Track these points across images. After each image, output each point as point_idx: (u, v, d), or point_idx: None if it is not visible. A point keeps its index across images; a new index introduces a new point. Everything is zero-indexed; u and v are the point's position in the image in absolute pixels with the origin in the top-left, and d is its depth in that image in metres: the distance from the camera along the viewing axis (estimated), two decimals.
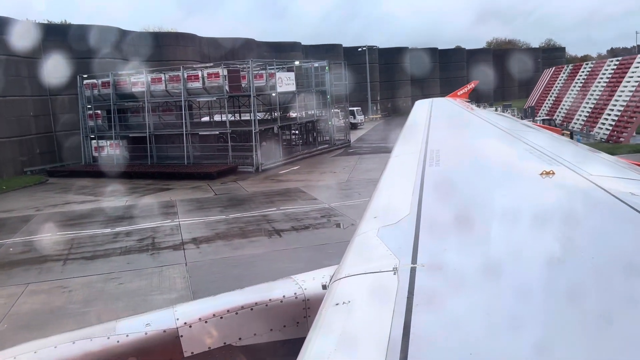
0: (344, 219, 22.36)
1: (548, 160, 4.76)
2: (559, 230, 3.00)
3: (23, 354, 3.49)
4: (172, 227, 22.65)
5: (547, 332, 1.96)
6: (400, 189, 4.52)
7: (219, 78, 37.71)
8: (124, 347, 3.56)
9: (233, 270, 16.75)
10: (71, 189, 35.23)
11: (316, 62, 46.60)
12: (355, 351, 2.03)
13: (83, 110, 43.56)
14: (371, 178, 31.71)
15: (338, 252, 12.69)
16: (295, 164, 39.79)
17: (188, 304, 3.98)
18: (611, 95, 43.78)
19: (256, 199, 28.22)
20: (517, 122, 11.08)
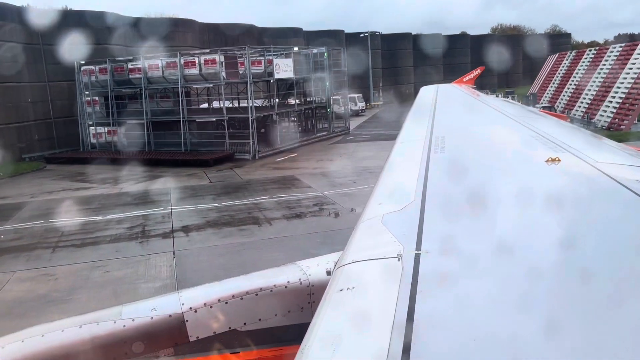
0: (336, 207, 22.25)
1: (554, 147, 4.74)
2: (564, 218, 2.99)
3: (30, 337, 3.55)
4: (164, 215, 22.61)
5: (552, 318, 1.96)
6: (405, 175, 4.51)
7: (216, 64, 37.50)
8: (130, 332, 3.60)
9: (219, 259, 16.70)
10: (68, 176, 35.22)
11: (315, 49, 46.13)
12: (359, 336, 2.04)
13: (81, 96, 43.38)
14: (367, 166, 31.65)
15: (326, 241, 12.78)
16: (293, 151, 39.61)
17: (193, 289, 4.00)
18: (613, 82, 43.27)
19: (250, 186, 28.14)
20: (524, 109, 10.98)
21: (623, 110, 39.91)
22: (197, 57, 38.31)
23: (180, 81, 38.38)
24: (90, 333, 3.58)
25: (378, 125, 55.26)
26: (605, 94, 43.69)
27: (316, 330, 2.12)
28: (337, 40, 78.81)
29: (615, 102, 41.24)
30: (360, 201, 23.48)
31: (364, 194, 24.26)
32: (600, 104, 43.84)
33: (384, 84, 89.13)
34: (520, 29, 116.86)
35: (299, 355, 2.00)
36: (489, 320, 2.03)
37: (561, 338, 1.85)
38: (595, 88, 46.02)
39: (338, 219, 20.53)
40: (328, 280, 2.91)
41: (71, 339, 3.55)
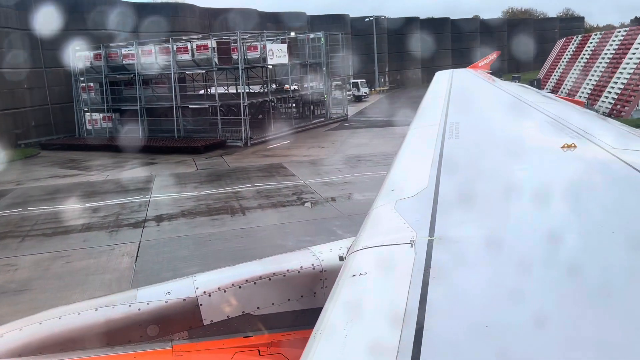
0: (313, 196, 21.90)
1: (570, 132, 4.69)
2: (579, 204, 2.96)
3: (47, 320, 3.62)
4: (142, 204, 22.44)
5: (564, 305, 1.95)
6: (418, 161, 4.48)
7: (208, 50, 37.12)
8: (145, 315, 3.65)
9: (183, 250, 16.48)
10: (59, 162, 35.22)
11: (312, 34, 45.49)
12: (371, 321, 2.04)
13: (76, 83, 43.28)
14: (356, 154, 31.25)
15: (294, 231, 12.46)
16: (287, 138, 39.20)
17: (207, 274, 4.03)
18: (616, 68, 42.21)
19: (235, 174, 27.85)
20: (540, 94, 10.90)
21: (624, 97, 38.93)
22: (190, 43, 37.91)
23: (172, 67, 38.08)
24: (105, 316, 3.63)
25: (378, 111, 54.62)
26: (608, 80, 42.65)
27: (329, 315, 2.13)
28: (341, 25, 77.99)
29: (617, 89, 40.24)
30: (339, 190, 23.31)
31: (345, 182, 24.00)
32: (602, 90, 42.82)
33: (391, 69, 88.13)
34: (532, 12, 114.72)
35: (311, 339, 2.01)
36: (502, 307, 2.01)
37: (574, 325, 1.84)
38: (599, 74, 44.94)
39: (312, 209, 20.20)
40: (340, 265, 2.88)
41: (87, 321, 3.61)
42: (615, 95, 40.19)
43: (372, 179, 24.36)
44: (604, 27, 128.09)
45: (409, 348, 1.78)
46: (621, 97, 39.27)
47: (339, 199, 21.33)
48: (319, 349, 1.94)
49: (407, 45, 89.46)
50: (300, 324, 3.67)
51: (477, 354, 1.79)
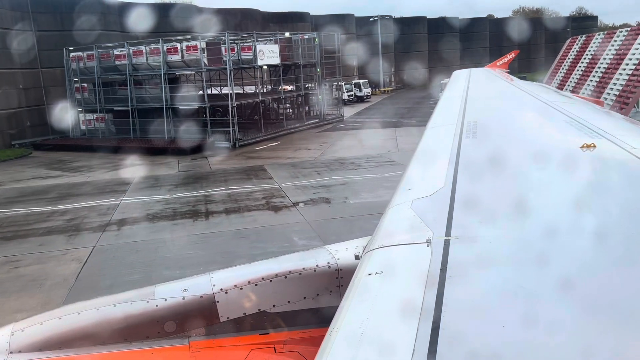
0: (282, 201, 21.49)
1: (589, 132, 4.65)
2: (598, 205, 2.93)
3: (67, 315, 3.67)
4: (110, 207, 22.21)
5: (583, 307, 1.92)
6: (435, 161, 4.48)
7: (197, 51, 36.90)
8: (162, 311, 3.67)
9: (132, 256, 16.18)
10: (47, 163, 35.28)
11: (306, 34, 45.06)
12: (387, 320, 2.04)
13: (70, 83, 43.38)
14: (341, 156, 30.84)
15: (250, 238, 12.09)
16: (277, 139, 38.89)
17: (224, 271, 4.05)
18: (615, 69, 41.18)
19: (213, 177, 27.58)
20: (559, 94, 10.74)
21: (623, 97, 37.94)
22: (179, 44, 37.71)
23: (163, 67, 37.94)
24: (124, 312, 3.66)
25: (378, 112, 54.07)
26: (607, 80, 41.66)
27: (344, 314, 2.14)
28: (346, 25, 77.52)
29: (616, 90, 39.22)
30: (310, 194, 22.90)
31: (320, 186, 23.57)
32: (603, 90, 41.81)
33: (397, 69, 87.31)
34: (543, 11, 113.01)
35: (327, 337, 2.01)
36: (519, 307, 1.99)
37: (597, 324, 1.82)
38: (600, 74, 43.91)
39: (275, 214, 19.80)
40: (356, 264, 2.88)
41: (106, 317, 3.64)
42: (614, 97, 39.18)
43: (348, 182, 23.99)
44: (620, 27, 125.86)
45: (425, 347, 1.77)
46: (619, 99, 38.28)
47: (307, 204, 20.89)
48: (335, 347, 1.94)
49: (414, 46, 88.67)
50: (316, 322, 3.66)
51: (493, 353, 1.77)
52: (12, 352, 3.55)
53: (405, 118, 46.63)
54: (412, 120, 45.28)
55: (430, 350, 1.76)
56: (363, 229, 17.79)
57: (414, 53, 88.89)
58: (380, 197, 21.37)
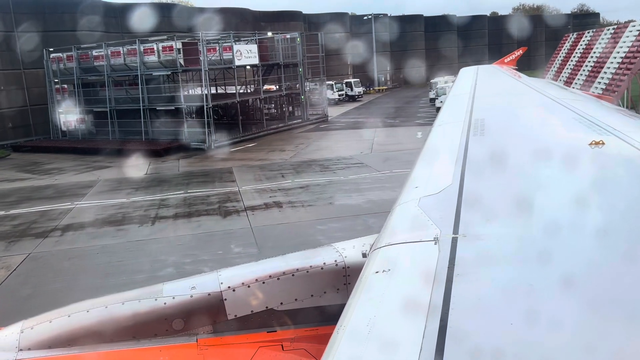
0: (235, 205, 21.05)
1: (598, 130, 4.60)
2: (607, 202, 2.91)
3: (76, 312, 3.69)
4: (63, 211, 21.89)
5: (590, 305, 1.92)
6: (442, 158, 4.47)
7: (173, 51, 36.56)
8: (170, 309, 3.69)
9: (63, 263, 15.86)
10: (20, 165, 35.12)
11: (288, 34, 44.56)
12: (394, 318, 2.03)
13: (50, 84, 43.21)
14: (313, 158, 30.39)
15: (186, 246, 11.69)
16: (255, 140, 38.48)
17: (232, 269, 4.06)
18: (601, 67, 40.52)
19: (177, 180, 27.22)
20: (567, 91, 10.66)
21: (607, 93, 37.30)
22: (155, 44, 37.38)
23: (140, 68, 37.64)
24: (132, 309, 3.68)
25: (366, 112, 53.48)
26: (595, 75, 41.07)
27: (352, 311, 2.13)
28: (340, 23, 76.99)
29: (600, 88, 38.54)
30: (266, 198, 22.46)
31: (280, 189, 23.14)
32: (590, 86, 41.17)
33: (394, 67, 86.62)
34: (544, 8, 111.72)
35: (334, 335, 2.01)
36: (527, 305, 1.98)
37: (604, 322, 1.81)
38: (587, 72, 43.25)
39: (224, 219, 19.37)
40: (364, 262, 2.87)
41: (114, 314, 3.65)
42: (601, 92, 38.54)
43: (309, 185, 23.53)
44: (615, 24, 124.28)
45: (433, 345, 1.76)
46: (604, 94, 37.60)
47: (258, 208, 20.44)
48: (342, 345, 1.93)
49: (411, 44, 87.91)
50: (324, 319, 3.65)
51: (501, 351, 1.75)
52: (21, 349, 3.58)
53: (390, 118, 46.04)
54: (395, 120, 44.75)
55: (438, 348, 1.75)
56: (302, 236, 17.51)
57: (411, 51, 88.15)
58: (334, 201, 20.94)
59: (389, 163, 27.37)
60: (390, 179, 23.65)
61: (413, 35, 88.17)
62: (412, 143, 33.01)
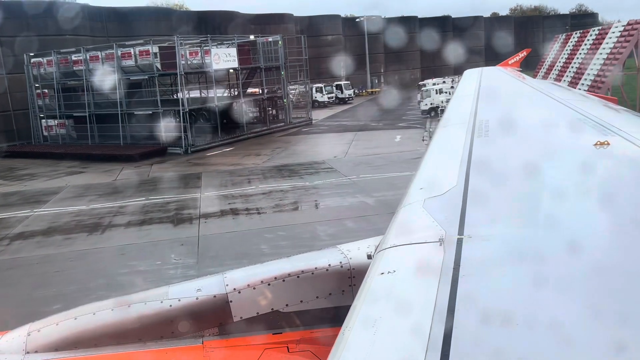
0: (191, 213, 20.70)
1: (603, 130, 4.60)
2: (612, 203, 2.88)
3: (83, 315, 3.69)
4: (20, 219, 21.63)
5: (597, 307, 1.92)
6: (447, 160, 4.46)
7: (150, 56, 36.32)
8: (176, 311, 3.68)
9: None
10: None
11: (271, 37, 44.23)
12: (400, 319, 2.03)
13: (31, 89, 43.04)
14: (286, 162, 30.09)
15: (129, 255, 11.32)
16: (234, 144, 38.14)
17: (237, 271, 4.03)
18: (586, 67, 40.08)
19: (144, 186, 26.90)
20: (571, 92, 10.67)
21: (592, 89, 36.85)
22: (132, 49, 37.14)
23: (117, 72, 37.38)
24: (138, 312, 3.68)
25: (352, 115, 53.04)
26: (580, 77, 40.64)
27: (357, 313, 2.13)
28: (332, 26, 76.67)
29: (586, 86, 38.14)
30: (225, 205, 22.11)
31: (242, 195, 22.79)
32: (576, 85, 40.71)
33: (387, 70, 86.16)
34: (542, 9, 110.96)
35: (340, 336, 2.01)
36: (532, 306, 1.99)
37: (604, 325, 1.81)
38: (572, 72, 42.86)
39: (174, 228, 19.02)
40: (369, 263, 2.89)
41: (120, 317, 3.66)
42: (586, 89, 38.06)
43: (272, 191, 23.18)
44: None
45: (439, 346, 1.76)
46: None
47: (213, 216, 20.10)
48: (347, 346, 1.93)
49: (404, 46, 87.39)
50: (329, 321, 3.63)
51: (507, 353, 1.75)
52: (28, 352, 3.59)
53: (374, 121, 45.60)
54: (379, 124, 44.31)
55: (444, 349, 1.74)
56: (245, 246, 17.14)
57: (405, 53, 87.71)
58: (290, 208, 20.56)
59: (359, 168, 27.01)
60: (354, 185, 23.29)
61: (408, 36, 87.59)
62: (388, 147, 32.71)
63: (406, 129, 40.75)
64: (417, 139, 34.85)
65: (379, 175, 25.11)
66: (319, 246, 16.33)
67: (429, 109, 44.87)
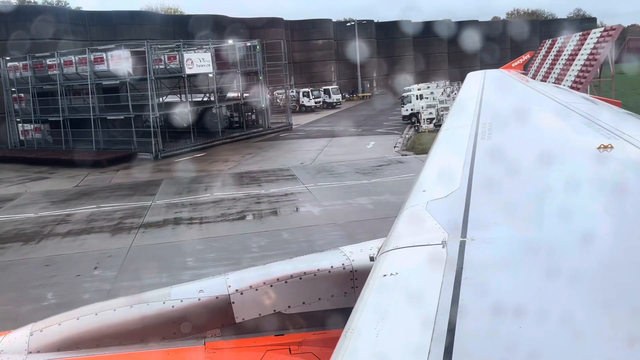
0: (134, 222, 20.25)
1: (606, 133, 4.57)
2: (615, 206, 2.90)
3: (85, 315, 3.71)
4: None
5: (601, 309, 1.91)
6: (450, 162, 4.49)
7: (122, 60, 36.01)
8: (178, 312, 3.68)
9: None
10: None
11: (249, 42, 43.86)
12: (402, 322, 2.03)
13: (7, 93, 42.84)
14: (249, 170, 29.72)
15: (55, 266, 10.83)
16: (207, 150, 37.71)
17: (239, 272, 4.04)
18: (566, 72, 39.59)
19: (101, 193, 26.48)
20: (575, 95, 10.72)
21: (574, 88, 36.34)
22: (105, 53, 36.85)
23: (90, 77, 37.13)
24: (140, 313, 3.68)
25: (336, 120, 52.48)
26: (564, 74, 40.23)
27: (359, 315, 2.13)
28: (322, 30, 76.33)
29: (568, 83, 37.65)
30: (171, 214, 21.68)
31: (193, 203, 22.34)
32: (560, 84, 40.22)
33: (381, 74, 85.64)
34: (539, 14, 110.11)
35: (342, 339, 2.00)
36: (535, 309, 1.97)
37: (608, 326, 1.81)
38: (551, 81, 42.21)
39: (111, 238, 18.59)
40: (371, 265, 2.86)
41: (122, 318, 3.66)
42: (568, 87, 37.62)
43: (224, 199, 22.76)
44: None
45: (441, 349, 1.75)
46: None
47: (155, 226, 19.66)
48: (349, 349, 1.93)
49: (398, 50, 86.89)
50: (331, 323, 3.63)
51: (510, 356, 1.75)
52: (31, 352, 3.59)
53: (354, 127, 45.11)
54: (359, 129, 43.82)
55: (446, 352, 1.74)
56: (171, 258, 16.69)
57: (398, 57, 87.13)
58: (234, 218, 20.09)
59: (319, 176, 26.58)
60: (308, 194, 22.85)
61: (401, 41, 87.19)
62: (357, 154, 32.24)
63: (383, 135, 40.26)
64: (390, 146, 34.42)
65: (336, 183, 24.65)
66: (245, 259, 15.98)
67: (409, 115, 44.37)
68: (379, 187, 23.37)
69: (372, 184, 24.07)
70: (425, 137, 36.40)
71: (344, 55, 76.94)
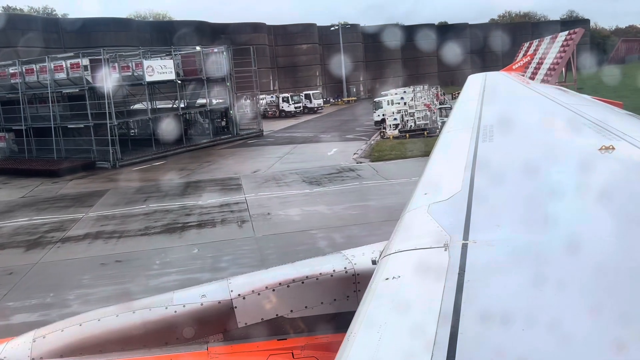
0: (56, 235, 19.70)
1: (607, 134, 4.57)
2: (618, 208, 2.87)
3: (87, 321, 3.73)
4: None
5: (604, 311, 1.90)
6: (451, 165, 4.48)
7: (80, 68, 35.59)
8: (181, 317, 3.70)
9: None
10: None
11: (216, 48, 43.37)
12: (405, 325, 2.03)
13: None
14: (200, 179, 29.30)
15: None
16: (168, 158, 37.15)
17: (241, 277, 4.04)
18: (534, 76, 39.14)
19: (43, 204, 25.99)
20: (576, 97, 10.73)
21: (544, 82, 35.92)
22: (64, 61, 36.43)
23: (50, 86, 36.72)
24: (143, 318, 3.68)
25: (311, 126, 51.93)
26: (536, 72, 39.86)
27: (362, 318, 2.13)
28: (307, 35, 75.84)
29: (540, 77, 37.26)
30: (98, 227, 21.12)
31: (126, 215, 21.76)
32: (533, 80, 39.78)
33: (368, 78, 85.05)
34: (532, 16, 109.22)
35: (344, 342, 2.01)
36: (539, 312, 1.96)
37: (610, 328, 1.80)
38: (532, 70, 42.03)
39: (25, 253, 18.04)
40: (373, 269, 2.84)
41: (125, 323, 3.65)
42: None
43: (157, 211, 22.20)
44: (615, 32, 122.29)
45: (444, 352, 1.75)
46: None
47: (74, 239, 19.12)
48: (352, 352, 1.93)
49: (386, 54, 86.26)
50: (334, 327, 3.63)
51: (513, 358, 1.74)
52: (34, 358, 3.58)
53: (325, 133, 44.56)
54: (328, 135, 43.26)
55: (449, 355, 1.73)
56: (71, 277, 16.14)
57: (386, 61, 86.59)
58: (158, 231, 19.52)
59: (265, 185, 26.06)
60: (243, 204, 22.22)
61: (389, 45, 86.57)
62: (315, 161, 31.68)
63: (351, 141, 39.64)
64: (351, 153, 33.76)
65: (278, 193, 24.07)
66: (144, 276, 15.41)
67: (381, 120, 43.74)
68: (318, 197, 22.77)
69: (312, 194, 23.44)
70: (387, 144, 35.77)
71: (329, 59, 76.47)
